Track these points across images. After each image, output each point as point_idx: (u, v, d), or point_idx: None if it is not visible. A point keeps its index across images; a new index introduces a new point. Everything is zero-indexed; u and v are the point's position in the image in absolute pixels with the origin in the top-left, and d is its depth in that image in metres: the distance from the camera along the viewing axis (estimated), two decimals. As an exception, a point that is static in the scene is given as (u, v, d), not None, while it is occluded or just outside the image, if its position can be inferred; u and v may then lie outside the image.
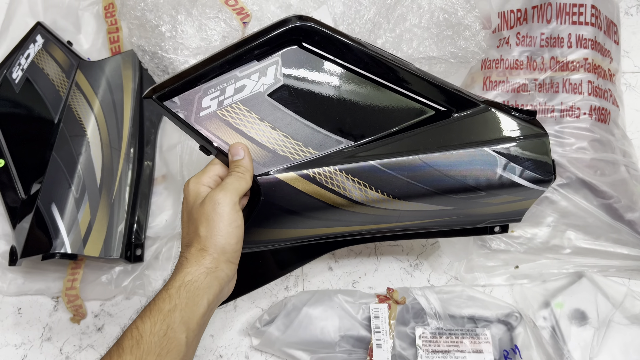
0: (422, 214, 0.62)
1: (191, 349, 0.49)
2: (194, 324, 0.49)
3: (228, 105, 0.56)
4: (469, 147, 0.59)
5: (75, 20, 0.95)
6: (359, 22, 0.76)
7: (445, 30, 0.64)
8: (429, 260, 0.84)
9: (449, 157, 0.59)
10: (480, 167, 0.59)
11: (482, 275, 0.82)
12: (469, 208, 0.62)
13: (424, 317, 0.77)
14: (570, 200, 0.81)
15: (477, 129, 0.60)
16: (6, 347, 0.77)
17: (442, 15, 0.64)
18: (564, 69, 0.84)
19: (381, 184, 0.58)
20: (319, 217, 0.60)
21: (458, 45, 0.64)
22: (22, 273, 0.79)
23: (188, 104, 0.56)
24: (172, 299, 0.49)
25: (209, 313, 0.52)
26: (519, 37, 0.87)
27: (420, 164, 0.58)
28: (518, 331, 0.77)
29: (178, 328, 0.47)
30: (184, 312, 0.48)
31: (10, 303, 0.79)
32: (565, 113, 0.83)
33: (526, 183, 0.60)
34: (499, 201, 0.62)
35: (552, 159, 0.61)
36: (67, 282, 0.77)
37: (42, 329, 0.78)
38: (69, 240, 0.73)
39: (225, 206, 0.53)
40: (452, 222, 0.65)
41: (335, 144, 0.58)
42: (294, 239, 0.62)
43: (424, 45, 0.65)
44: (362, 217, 0.61)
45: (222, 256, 0.52)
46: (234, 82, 0.56)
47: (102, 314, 0.79)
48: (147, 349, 0.46)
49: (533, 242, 0.82)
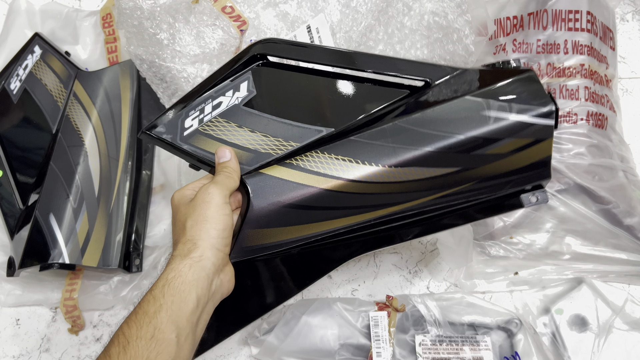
0: (428, 184, 0.58)
1: (185, 348, 0.47)
2: (183, 321, 0.47)
3: (208, 121, 0.60)
4: (448, 101, 0.57)
5: (73, 30, 0.95)
6: (356, 30, 0.77)
7: (436, 33, 0.65)
8: (429, 268, 0.83)
9: (429, 114, 0.57)
10: (465, 114, 0.56)
11: (482, 282, 0.82)
12: (478, 167, 0.57)
13: (423, 325, 0.76)
14: (569, 206, 0.81)
15: (456, 87, 0.58)
16: (4, 358, 0.76)
17: (433, 18, 0.65)
18: (560, 75, 0.85)
19: (366, 155, 0.57)
20: (314, 206, 0.58)
21: (447, 48, 0.64)
22: (21, 284, 0.79)
23: (173, 128, 0.61)
24: (157, 300, 0.47)
25: (202, 308, 0.49)
26: (515, 43, 0.88)
27: (401, 127, 0.57)
28: (518, 338, 0.76)
29: (166, 328, 0.46)
30: (170, 311, 0.47)
31: (9, 314, 0.79)
32: (563, 119, 0.83)
33: (525, 118, 0.56)
34: (507, 150, 0.57)
35: (549, 92, 0.57)
36: (66, 293, 0.77)
37: (40, 340, 0.78)
38: (67, 251, 0.73)
39: (216, 195, 0.53)
40: (472, 193, 0.59)
41: (315, 134, 0.59)
42: (294, 240, 0.60)
43: (415, 48, 0.65)
44: (362, 198, 0.58)
45: (206, 242, 0.51)
46: (210, 101, 0.61)
47: (101, 324, 0.79)
48: (134, 354, 0.44)
49: (532, 248, 0.81)
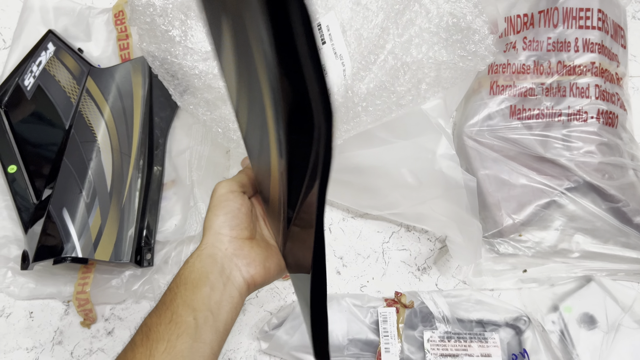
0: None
1: (205, 329, 0.48)
2: (199, 304, 0.48)
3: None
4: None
5: (85, 27, 0.96)
6: (367, 27, 0.77)
7: (455, 35, 0.65)
8: (437, 264, 0.84)
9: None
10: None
11: (490, 279, 0.82)
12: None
13: (432, 321, 0.77)
14: (578, 204, 0.81)
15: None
16: (18, 350, 0.78)
17: (451, 19, 0.65)
18: (571, 73, 0.85)
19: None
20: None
21: (468, 49, 0.64)
22: (34, 277, 0.80)
23: None
24: (172, 290, 0.50)
25: (220, 293, 0.50)
26: (525, 41, 0.88)
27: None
28: (527, 335, 0.77)
29: (182, 312, 0.48)
30: (185, 297, 0.49)
31: (22, 307, 0.80)
32: (573, 117, 0.83)
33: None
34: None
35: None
36: (78, 286, 0.78)
37: (53, 332, 0.79)
38: (80, 245, 0.74)
39: (220, 187, 0.55)
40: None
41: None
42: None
43: (433, 50, 0.65)
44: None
45: (211, 230, 0.53)
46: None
47: (113, 317, 0.80)
48: (156, 338, 0.46)
49: (541, 246, 0.82)
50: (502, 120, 0.85)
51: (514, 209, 0.82)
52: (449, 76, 0.73)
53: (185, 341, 0.46)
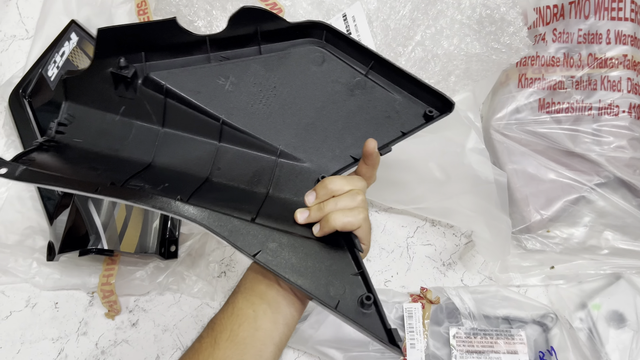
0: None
1: (265, 321, 0.50)
2: (257, 298, 0.52)
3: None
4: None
5: (108, 17, 0.95)
6: (394, 18, 0.76)
7: (488, 27, 0.63)
8: (463, 260, 0.83)
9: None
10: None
11: (517, 276, 0.81)
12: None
13: (457, 317, 0.76)
14: (608, 200, 0.79)
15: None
16: (44, 340, 0.78)
17: (485, 11, 0.63)
18: (602, 66, 0.83)
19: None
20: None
21: (502, 41, 0.63)
22: (59, 268, 0.80)
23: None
24: (237, 287, 0.55)
25: (274, 289, 0.53)
26: (555, 33, 0.86)
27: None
28: (554, 332, 0.76)
29: (242, 305, 0.51)
30: (245, 292, 0.53)
31: (48, 297, 0.80)
32: (604, 111, 0.81)
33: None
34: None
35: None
36: (103, 278, 0.78)
37: (78, 323, 0.79)
38: (105, 237, 0.74)
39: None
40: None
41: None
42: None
43: (465, 42, 0.64)
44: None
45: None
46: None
47: (137, 309, 0.80)
48: (220, 329, 0.50)
49: (569, 243, 0.80)
50: (531, 114, 0.84)
51: (542, 205, 0.80)
52: (479, 69, 0.72)
53: (246, 329, 0.49)
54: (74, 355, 0.77)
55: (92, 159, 0.58)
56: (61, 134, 0.59)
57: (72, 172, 0.55)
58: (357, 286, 0.51)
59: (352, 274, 0.52)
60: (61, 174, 0.53)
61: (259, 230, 0.53)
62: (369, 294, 0.49)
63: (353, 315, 0.49)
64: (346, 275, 0.52)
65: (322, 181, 0.56)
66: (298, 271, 0.51)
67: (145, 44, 0.59)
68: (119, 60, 0.58)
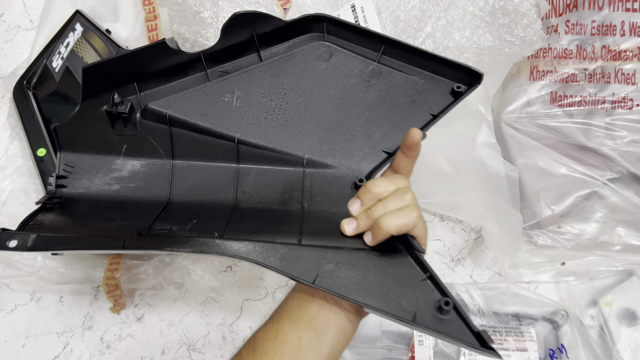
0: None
1: (309, 352, 0.47)
2: (304, 323, 0.48)
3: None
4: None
5: (113, 8, 0.94)
6: (404, 9, 0.74)
7: (501, 19, 0.61)
8: (472, 256, 0.82)
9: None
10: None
11: (527, 272, 0.80)
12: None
13: (467, 314, 0.75)
14: (621, 196, 0.78)
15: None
16: (49, 334, 0.77)
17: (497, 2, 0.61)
18: (616, 59, 0.81)
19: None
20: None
21: (515, 34, 0.61)
22: (64, 262, 0.79)
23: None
24: (282, 307, 0.51)
25: (326, 315, 0.49)
26: (568, 24, 0.84)
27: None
28: (564, 330, 0.74)
29: (288, 329, 0.48)
30: (292, 314, 0.49)
31: (52, 291, 0.80)
32: (617, 104, 0.79)
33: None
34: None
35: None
36: (108, 272, 0.77)
37: (83, 317, 0.79)
38: (110, 231, 0.73)
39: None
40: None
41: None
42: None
43: (477, 34, 0.62)
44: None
45: None
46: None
47: (142, 303, 0.79)
48: (261, 354, 0.47)
49: (581, 239, 0.79)
50: (542, 107, 0.82)
51: (554, 200, 0.79)
52: (491, 61, 0.70)
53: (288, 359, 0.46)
54: (79, 349, 0.77)
55: (105, 209, 0.55)
56: (63, 187, 0.56)
57: (89, 229, 0.51)
58: (429, 291, 0.46)
59: (420, 279, 0.47)
60: (78, 234, 0.49)
61: (309, 253, 0.49)
62: (446, 299, 0.44)
63: (433, 324, 0.44)
64: (414, 281, 0.47)
65: (364, 186, 0.52)
66: (363, 289, 0.46)
67: (135, 73, 0.55)
68: (112, 96, 0.54)
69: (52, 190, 0.55)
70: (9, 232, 0.48)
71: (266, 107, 0.57)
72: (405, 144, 0.51)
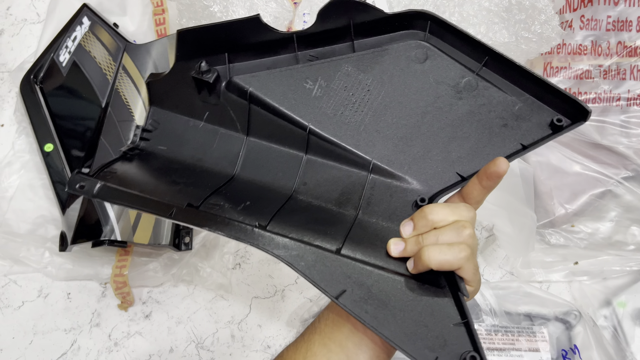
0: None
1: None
2: (336, 344, 0.46)
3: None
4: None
5: (120, 1, 0.93)
6: (416, 3, 0.73)
7: (517, 15, 0.60)
8: (483, 255, 0.81)
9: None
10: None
11: (540, 271, 0.79)
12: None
13: (478, 314, 0.74)
14: (636, 194, 0.77)
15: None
16: (56, 331, 0.77)
17: (515, -2, 0.60)
18: (631, 55, 0.79)
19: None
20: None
21: (532, 30, 0.60)
22: (71, 258, 0.78)
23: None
24: (314, 325, 0.49)
25: (360, 337, 0.46)
26: (583, 20, 0.82)
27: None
28: (577, 330, 0.74)
29: (318, 350, 0.46)
30: (324, 333, 0.47)
31: (60, 288, 0.79)
32: (633, 101, 0.78)
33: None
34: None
35: None
36: (116, 269, 0.76)
37: (90, 314, 0.78)
38: (119, 228, 0.72)
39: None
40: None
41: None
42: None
43: (493, 31, 0.61)
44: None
45: None
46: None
47: (150, 301, 0.79)
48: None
49: (594, 238, 0.78)
50: (556, 104, 0.81)
51: (567, 198, 0.78)
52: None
53: None
54: (87, 346, 0.76)
55: (175, 170, 0.55)
56: (146, 140, 0.57)
57: (153, 188, 0.51)
58: (460, 339, 0.43)
59: (455, 324, 0.44)
60: (140, 191, 0.49)
61: (344, 265, 0.46)
62: (474, 354, 0.40)
63: None
64: (447, 323, 0.44)
65: (421, 210, 0.47)
66: (389, 319, 0.43)
67: (228, 44, 0.54)
68: (200, 64, 0.54)
69: (135, 141, 0.56)
70: (81, 175, 0.49)
71: (345, 102, 0.54)
72: (486, 172, 0.47)
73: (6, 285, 0.79)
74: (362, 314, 0.43)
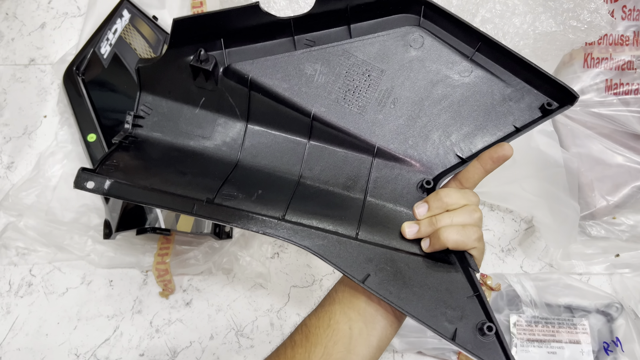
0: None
1: (359, 343, 0.48)
2: (355, 313, 0.48)
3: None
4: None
5: (159, -6, 0.94)
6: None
7: (566, 3, 0.60)
8: (523, 246, 0.80)
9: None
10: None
11: (580, 263, 0.78)
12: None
13: (518, 305, 0.74)
14: (679, 186, 0.76)
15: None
16: (99, 317, 0.78)
17: (564, -15, 0.60)
18: (675, 45, 0.78)
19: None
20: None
21: (582, 18, 0.59)
22: (113, 246, 0.80)
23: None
24: (331, 295, 0.52)
25: (376, 307, 0.49)
26: (624, 10, 0.81)
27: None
28: (619, 323, 0.73)
29: (340, 318, 0.48)
30: (343, 303, 0.49)
31: (103, 275, 0.81)
32: (676, 93, 0.77)
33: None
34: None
35: None
36: (158, 257, 0.78)
37: (132, 301, 0.79)
38: (162, 216, 0.73)
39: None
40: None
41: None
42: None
43: (539, 20, 0.60)
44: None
45: None
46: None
47: (190, 288, 0.80)
48: (314, 342, 0.48)
49: (636, 230, 0.77)
50: (597, 95, 0.80)
51: (608, 190, 0.77)
52: (550, 47, 0.69)
53: (340, 350, 0.47)
54: (129, 332, 0.78)
55: (176, 159, 0.55)
56: (139, 127, 0.57)
57: (161, 180, 0.51)
58: (473, 310, 0.46)
59: (468, 297, 0.47)
60: (149, 184, 0.50)
61: (365, 249, 0.49)
62: (490, 324, 0.44)
63: (471, 346, 0.44)
64: (462, 297, 0.47)
65: (436, 192, 0.51)
66: (410, 296, 0.46)
67: (223, 30, 0.55)
68: (199, 52, 0.54)
69: (128, 128, 0.56)
70: (88, 172, 0.49)
71: (347, 88, 0.55)
72: (492, 157, 0.49)
73: (51, 272, 0.81)
74: (387, 295, 0.46)
